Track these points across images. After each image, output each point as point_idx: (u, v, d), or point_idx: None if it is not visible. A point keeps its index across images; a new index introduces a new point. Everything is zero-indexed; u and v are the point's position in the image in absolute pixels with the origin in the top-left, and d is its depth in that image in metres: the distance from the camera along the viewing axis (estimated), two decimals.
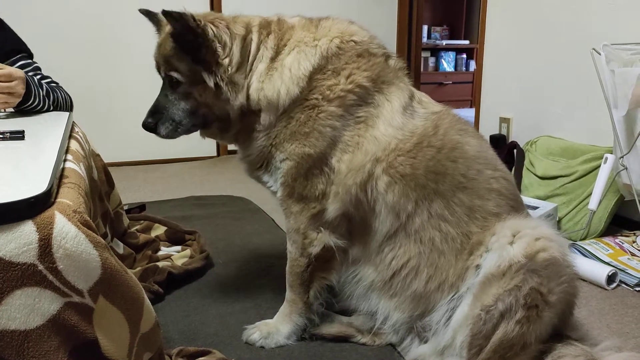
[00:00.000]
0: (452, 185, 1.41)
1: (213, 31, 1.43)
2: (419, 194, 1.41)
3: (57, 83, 2.05)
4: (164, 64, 1.48)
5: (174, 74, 1.47)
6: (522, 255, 1.28)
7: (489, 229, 1.39)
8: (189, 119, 1.51)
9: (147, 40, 1.61)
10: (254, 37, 1.48)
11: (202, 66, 1.44)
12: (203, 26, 1.41)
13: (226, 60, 1.44)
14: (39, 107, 1.86)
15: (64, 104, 1.98)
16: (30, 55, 2.05)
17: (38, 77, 1.98)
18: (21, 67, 1.96)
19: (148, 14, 1.58)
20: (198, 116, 1.51)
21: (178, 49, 1.44)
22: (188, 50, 1.43)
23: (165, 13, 1.37)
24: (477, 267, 1.36)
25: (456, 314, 1.37)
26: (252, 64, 1.47)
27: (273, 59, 1.47)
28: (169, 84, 1.50)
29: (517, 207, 1.46)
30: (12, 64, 1.94)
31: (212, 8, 4.05)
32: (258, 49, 1.48)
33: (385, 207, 1.43)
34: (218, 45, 1.43)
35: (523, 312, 1.27)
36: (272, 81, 1.45)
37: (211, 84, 1.44)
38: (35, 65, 2.03)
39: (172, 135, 1.53)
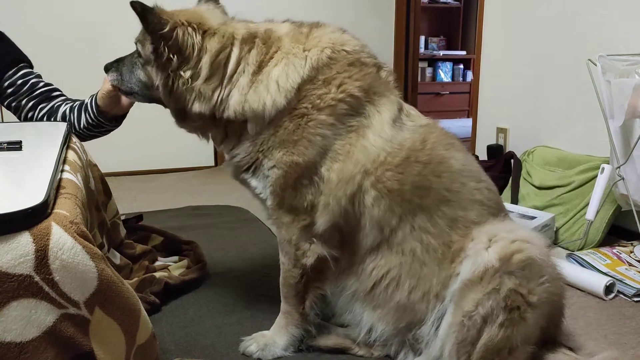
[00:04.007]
0: (436, 199, 1.40)
1: (177, 38, 1.43)
2: (404, 209, 1.40)
3: (60, 90, 2.06)
4: (140, 33, 1.52)
5: (138, 46, 1.53)
6: (496, 259, 1.29)
7: (469, 236, 1.39)
8: (136, 87, 1.60)
9: None
10: (235, 51, 1.46)
11: (158, 66, 1.47)
12: (166, 32, 1.42)
13: (188, 73, 1.44)
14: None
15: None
16: (30, 66, 2.05)
17: (41, 84, 1.99)
18: (23, 76, 1.97)
19: None
20: (149, 93, 1.58)
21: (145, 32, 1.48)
22: (155, 52, 1.47)
23: (132, 3, 1.40)
24: (458, 274, 1.36)
25: (442, 323, 1.37)
26: (231, 78, 1.46)
27: (256, 73, 1.45)
28: (136, 50, 1.56)
29: (498, 214, 1.46)
30: (14, 74, 1.95)
31: None
32: (238, 64, 1.46)
33: (370, 221, 1.43)
34: (175, 53, 1.43)
35: (505, 314, 1.27)
36: (257, 92, 1.44)
37: (157, 82, 1.49)
38: (37, 73, 2.04)
39: (117, 85, 1.65)
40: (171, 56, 1.44)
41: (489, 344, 1.27)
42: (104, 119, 1.90)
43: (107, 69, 1.65)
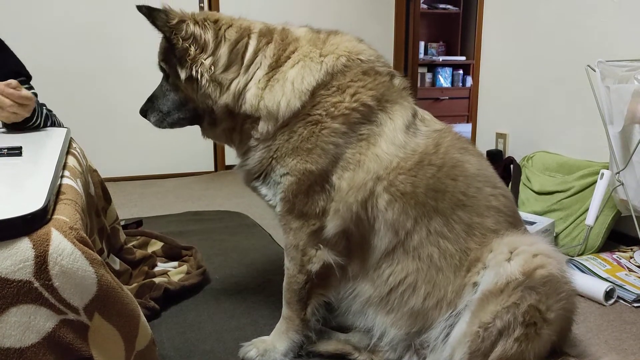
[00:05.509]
0: (452, 203, 1.41)
1: (188, 29, 1.45)
2: (419, 211, 1.41)
3: (50, 110, 2.05)
4: (159, 55, 1.54)
5: (163, 65, 1.54)
6: (519, 272, 1.28)
7: (487, 245, 1.38)
8: (176, 111, 1.56)
9: (144, 60, 1.62)
10: (252, 42, 1.49)
11: (178, 60, 1.48)
12: (175, 24, 1.44)
13: (208, 60, 1.46)
14: (37, 125, 1.87)
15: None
16: (28, 79, 2.04)
17: None
18: None
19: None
20: (188, 109, 1.55)
21: (165, 42, 1.50)
22: (170, 43, 1.48)
23: (138, 7, 1.42)
24: (475, 284, 1.36)
25: (454, 331, 1.36)
26: (247, 69, 1.48)
27: (273, 68, 1.47)
28: (163, 75, 1.57)
29: (516, 224, 1.46)
30: None
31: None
32: (255, 55, 1.49)
33: (384, 224, 1.43)
34: (191, 43, 1.45)
35: (521, 329, 1.26)
36: (272, 92, 1.46)
37: (182, 76, 1.48)
38: (33, 91, 2.02)
39: (160, 124, 1.60)
40: (186, 46, 1.46)
41: (502, 357, 1.27)
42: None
43: (144, 111, 1.60)
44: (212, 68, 1.47)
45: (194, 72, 1.47)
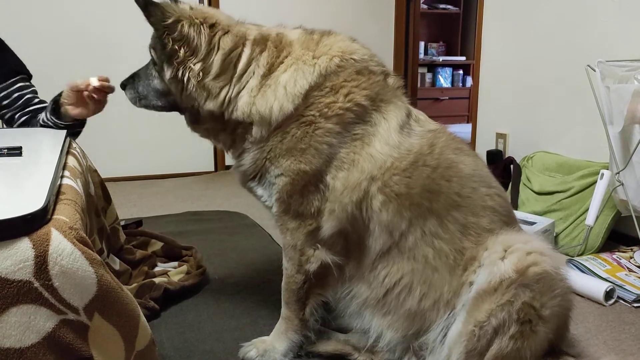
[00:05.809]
0: (447, 203, 1.40)
1: (182, 30, 1.43)
2: (413, 212, 1.40)
3: None
4: (151, 39, 1.52)
5: (152, 52, 1.53)
6: (512, 270, 1.28)
7: (482, 244, 1.38)
8: (155, 98, 1.58)
9: (144, 60, 1.61)
10: (246, 51, 1.48)
11: (166, 57, 1.47)
12: (170, 24, 1.43)
13: (198, 65, 1.45)
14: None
15: None
16: (29, 77, 2.05)
17: (36, 100, 1.98)
18: (19, 89, 1.96)
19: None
20: (168, 100, 1.56)
21: (156, 36, 1.49)
22: (160, 41, 1.47)
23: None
24: (471, 283, 1.36)
25: (451, 330, 1.36)
26: (240, 78, 1.47)
27: (265, 76, 1.46)
28: (151, 59, 1.55)
29: (511, 223, 1.46)
30: (10, 86, 1.94)
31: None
32: (248, 65, 1.48)
33: (379, 225, 1.43)
34: (182, 45, 1.44)
35: (516, 327, 1.26)
36: (265, 97, 1.45)
37: (166, 76, 1.48)
38: (33, 88, 2.03)
39: (135, 103, 1.62)
40: (176, 47, 1.44)
41: (498, 355, 1.27)
42: (60, 119, 1.85)
43: (124, 86, 1.62)
44: (201, 74, 1.45)
45: (179, 74, 1.46)
